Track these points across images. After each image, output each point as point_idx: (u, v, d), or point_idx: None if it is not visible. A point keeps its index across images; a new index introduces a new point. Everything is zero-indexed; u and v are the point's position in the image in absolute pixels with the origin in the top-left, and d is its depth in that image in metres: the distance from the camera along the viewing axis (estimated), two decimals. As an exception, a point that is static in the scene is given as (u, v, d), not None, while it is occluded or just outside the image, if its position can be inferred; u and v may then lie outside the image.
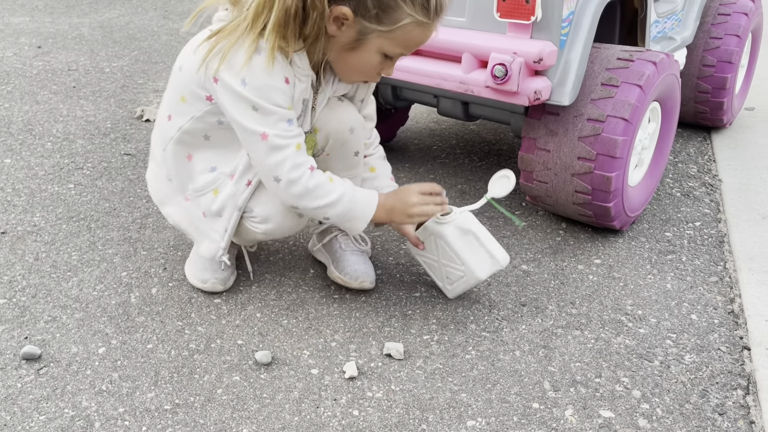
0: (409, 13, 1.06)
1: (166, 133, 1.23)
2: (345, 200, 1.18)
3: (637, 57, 1.46)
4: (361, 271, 1.35)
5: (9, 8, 3.78)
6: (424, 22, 1.08)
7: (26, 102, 2.36)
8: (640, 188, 1.64)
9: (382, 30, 1.08)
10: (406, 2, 1.05)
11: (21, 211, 1.64)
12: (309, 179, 1.15)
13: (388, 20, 1.07)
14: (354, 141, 1.30)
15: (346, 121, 1.27)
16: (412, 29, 1.08)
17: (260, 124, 1.10)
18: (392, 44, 1.10)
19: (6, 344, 1.19)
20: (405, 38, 1.10)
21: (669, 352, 1.22)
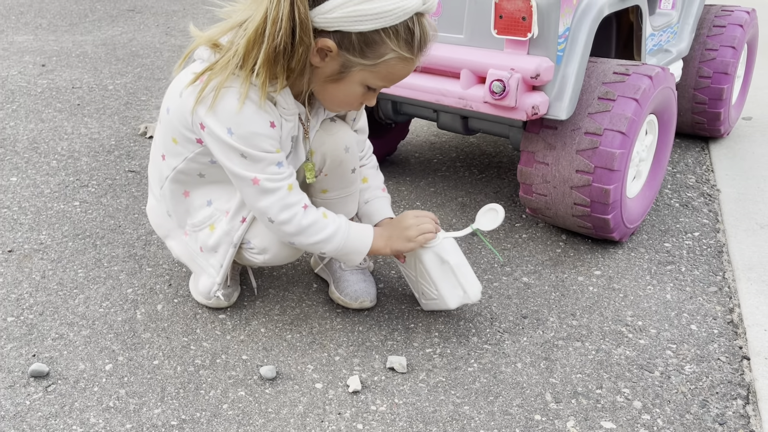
0: (393, 49, 1.06)
1: (161, 172, 1.26)
2: (339, 235, 1.20)
3: (632, 71, 1.48)
4: (361, 290, 1.36)
5: (13, 27, 3.82)
6: (407, 58, 1.08)
7: (31, 120, 2.39)
8: (638, 200, 1.66)
9: (365, 64, 1.08)
10: (391, 38, 1.05)
11: (27, 229, 1.66)
12: (302, 218, 1.16)
13: (372, 55, 1.06)
14: (350, 159, 1.32)
15: (341, 141, 1.29)
16: (396, 64, 1.08)
17: (250, 170, 1.12)
18: (375, 77, 1.11)
19: (14, 362, 1.20)
20: (388, 72, 1.10)
21: (669, 362, 1.23)
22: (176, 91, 1.16)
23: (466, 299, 1.29)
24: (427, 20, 1.09)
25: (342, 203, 1.37)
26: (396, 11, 1.02)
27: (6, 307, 1.36)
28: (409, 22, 1.05)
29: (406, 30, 1.05)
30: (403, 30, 1.05)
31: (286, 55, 1.04)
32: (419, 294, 1.36)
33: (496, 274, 1.52)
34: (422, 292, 1.34)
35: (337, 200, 1.36)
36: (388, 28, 1.04)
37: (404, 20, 1.04)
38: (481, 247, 1.63)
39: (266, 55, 1.04)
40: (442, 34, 1.51)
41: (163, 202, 1.29)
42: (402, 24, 1.04)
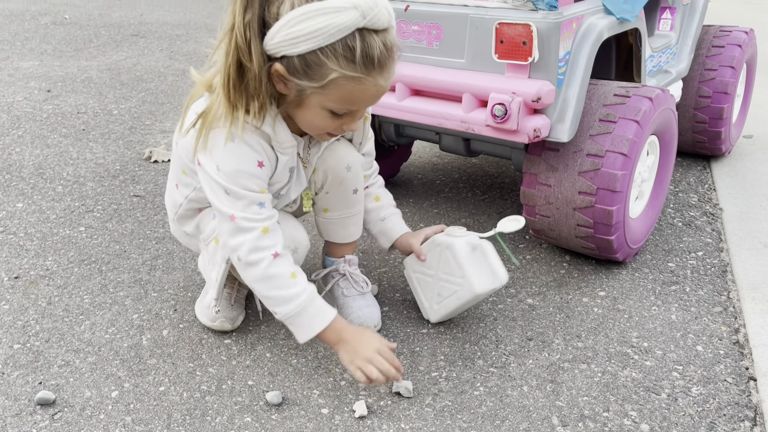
0: (333, 68, 1.02)
1: (175, 200, 1.34)
2: (296, 303, 1.16)
3: (633, 93, 1.50)
4: (366, 316, 1.37)
5: (18, 53, 3.87)
6: (354, 77, 1.03)
7: (37, 146, 2.42)
8: (641, 220, 1.67)
9: (314, 86, 1.05)
10: (329, 57, 1.01)
11: (33, 255, 1.67)
12: (269, 266, 1.15)
13: (317, 76, 1.04)
14: (352, 179, 1.34)
15: (343, 158, 1.31)
16: (346, 84, 1.04)
17: (230, 207, 1.13)
18: (330, 100, 1.07)
19: (21, 389, 1.21)
20: (341, 94, 1.06)
21: (676, 384, 1.23)
22: (184, 130, 1.20)
23: (495, 282, 1.30)
24: (381, 37, 1.04)
25: (342, 224, 1.39)
26: (328, 29, 0.99)
27: (12, 334, 1.36)
28: (348, 40, 1.01)
29: (345, 47, 1.01)
30: (341, 48, 1.01)
31: (242, 83, 1.05)
32: (431, 299, 1.37)
33: (500, 296, 1.52)
34: (438, 292, 1.35)
35: (339, 221, 1.39)
36: (324, 48, 1.01)
37: (341, 38, 1.00)
38: (485, 268, 1.63)
39: (225, 92, 1.06)
40: (444, 58, 1.53)
41: (180, 225, 1.36)
42: (340, 42, 1.01)
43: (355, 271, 1.43)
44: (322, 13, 0.99)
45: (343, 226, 1.40)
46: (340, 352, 1.19)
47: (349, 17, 1.00)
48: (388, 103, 1.60)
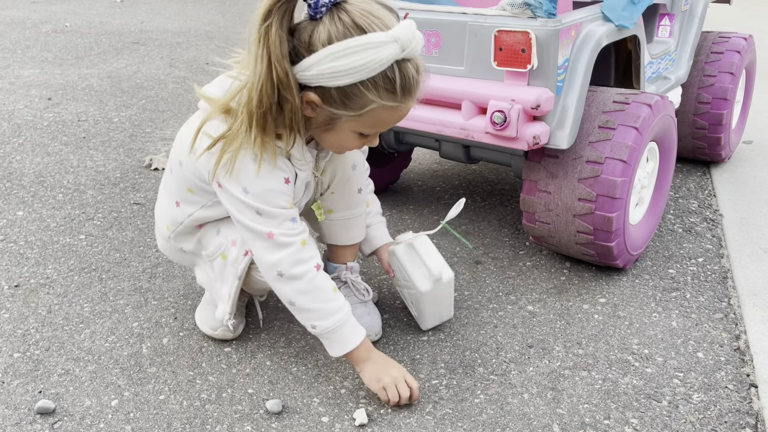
0: (374, 100, 1.04)
1: (174, 217, 1.28)
2: (339, 316, 1.17)
3: (632, 100, 1.50)
4: (366, 324, 1.35)
5: (19, 61, 3.88)
6: (392, 106, 1.06)
7: (38, 154, 2.42)
8: (641, 226, 1.67)
9: (350, 115, 1.07)
10: (370, 90, 1.03)
11: (34, 264, 1.67)
12: (314, 278, 1.15)
13: (355, 106, 1.05)
14: (356, 177, 1.35)
15: (349, 157, 1.33)
16: (382, 112, 1.07)
17: (266, 225, 1.13)
18: (364, 126, 1.10)
19: (21, 398, 1.20)
20: (376, 120, 1.09)
21: (677, 391, 1.23)
22: (186, 146, 1.16)
23: (432, 277, 1.32)
24: (413, 63, 1.06)
25: (346, 226, 1.40)
26: (371, 64, 1.00)
27: (12, 342, 1.36)
28: (388, 72, 1.02)
29: (386, 80, 1.03)
30: (381, 80, 1.02)
31: (278, 114, 1.05)
32: (412, 306, 1.39)
33: (500, 303, 1.52)
34: (411, 301, 1.38)
35: (342, 222, 1.39)
36: (366, 81, 1.02)
37: (382, 71, 1.02)
38: (485, 276, 1.63)
39: (258, 120, 1.05)
40: (443, 66, 1.53)
41: (177, 242, 1.32)
42: (380, 75, 1.02)
43: (356, 278, 1.43)
44: (364, 49, 0.99)
45: (346, 228, 1.40)
46: (366, 370, 1.19)
47: (390, 51, 1.00)
48: (387, 110, 1.61)
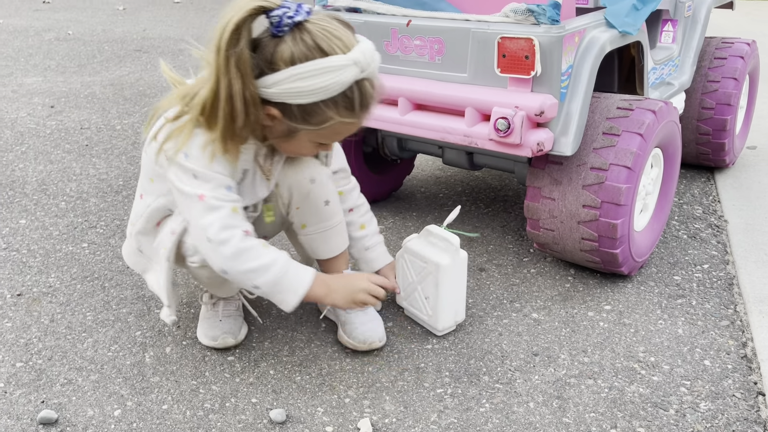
0: (333, 116, 1.10)
1: (137, 211, 1.31)
2: (276, 267, 1.16)
3: (636, 106, 1.49)
4: (369, 331, 1.35)
5: (22, 69, 3.89)
6: (350, 121, 1.13)
7: (40, 162, 2.42)
8: (646, 233, 1.66)
9: (309, 129, 1.12)
10: (330, 108, 1.09)
11: (36, 272, 1.66)
12: (240, 241, 1.14)
13: (315, 121, 1.11)
14: (318, 190, 1.33)
15: (306, 172, 1.31)
16: (340, 126, 1.13)
17: (199, 188, 1.13)
18: (322, 137, 1.16)
19: (23, 408, 1.20)
20: (333, 133, 1.15)
21: (684, 400, 1.22)
22: (151, 134, 1.20)
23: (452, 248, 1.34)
24: (370, 81, 1.12)
25: (323, 238, 1.38)
26: (333, 86, 1.06)
27: (15, 352, 1.35)
28: (347, 92, 1.08)
29: (345, 99, 1.09)
30: (341, 99, 1.08)
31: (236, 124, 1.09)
32: (424, 305, 1.40)
33: (505, 310, 1.51)
34: (425, 296, 1.39)
35: (318, 235, 1.38)
36: (327, 100, 1.08)
37: (339, 92, 1.07)
38: (489, 283, 1.63)
39: (222, 130, 1.09)
40: (446, 73, 1.53)
41: (135, 239, 1.32)
42: (340, 94, 1.08)
43: None
44: (326, 71, 1.05)
45: (324, 240, 1.38)
46: (336, 300, 1.22)
47: (350, 74, 1.07)
48: (390, 117, 1.60)
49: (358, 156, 1.98)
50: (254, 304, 1.48)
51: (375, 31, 1.60)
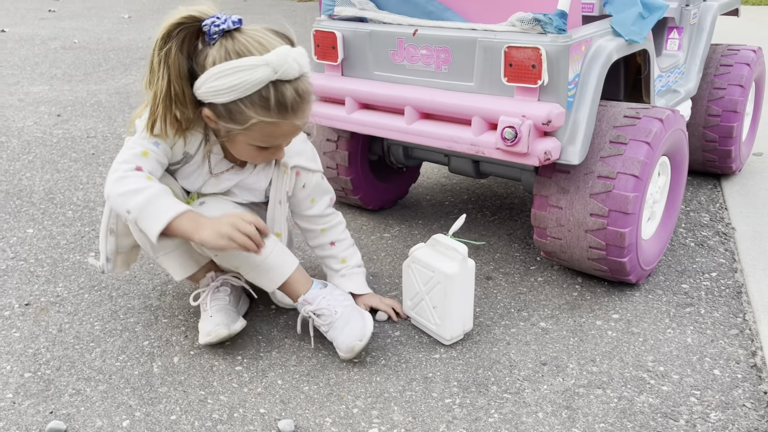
0: (252, 115, 1.18)
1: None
2: (148, 192, 1.20)
3: (643, 114, 1.49)
4: (349, 337, 1.32)
5: (28, 77, 3.91)
6: (271, 121, 1.19)
7: (47, 171, 2.43)
8: (653, 241, 1.65)
9: (238, 129, 1.21)
10: (248, 107, 1.18)
11: (44, 282, 1.67)
12: (128, 170, 1.22)
13: (239, 120, 1.20)
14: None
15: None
16: (264, 127, 1.20)
17: (135, 137, 1.28)
18: (253, 139, 1.23)
19: (32, 419, 1.20)
20: (262, 134, 1.22)
21: (694, 410, 1.21)
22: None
23: (459, 257, 1.34)
24: (293, 85, 1.19)
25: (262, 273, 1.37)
26: (244, 84, 1.16)
27: (23, 362, 1.36)
28: (263, 91, 1.17)
29: (261, 98, 1.17)
30: (257, 98, 1.17)
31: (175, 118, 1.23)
32: (433, 315, 1.40)
33: (513, 319, 1.50)
34: (432, 306, 1.39)
35: (254, 272, 1.38)
36: (244, 99, 1.17)
37: (257, 90, 1.16)
38: (496, 291, 1.62)
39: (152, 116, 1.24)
40: (453, 82, 1.53)
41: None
42: (255, 94, 1.17)
43: (318, 307, 1.37)
44: (238, 71, 1.16)
45: (264, 273, 1.37)
46: (204, 235, 1.21)
47: (262, 73, 1.16)
48: (397, 126, 1.61)
49: (364, 164, 1.98)
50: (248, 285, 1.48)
51: (381, 40, 1.61)
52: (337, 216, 1.52)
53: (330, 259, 1.51)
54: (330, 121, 1.73)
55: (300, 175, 1.43)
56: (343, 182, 1.96)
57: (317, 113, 1.75)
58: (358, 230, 1.97)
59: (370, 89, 1.64)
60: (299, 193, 1.45)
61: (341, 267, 1.50)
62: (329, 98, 1.75)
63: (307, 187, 1.45)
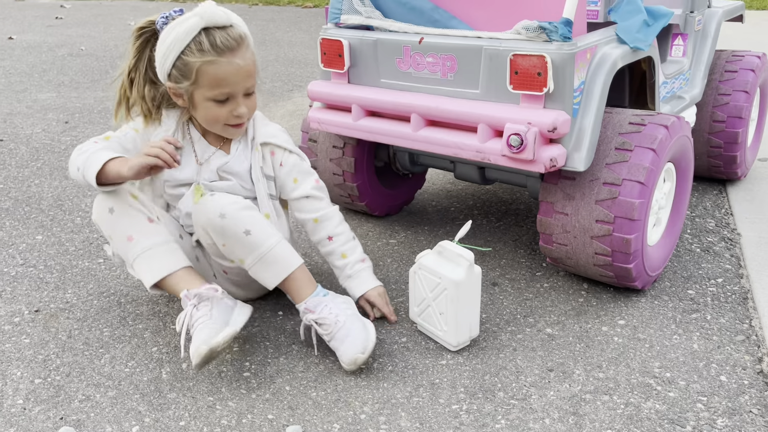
0: (193, 61, 1.33)
1: None
2: (91, 151, 1.35)
3: (648, 121, 1.50)
4: (350, 348, 1.32)
5: (36, 85, 3.94)
6: (210, 60, 1.33)
7: (56, 177, 2.45)
8: (659, 247, 1.66)
9: (190, 83, 1.35)
10: (188, 55, 1.33)
11: (53, 288, 1.68)
12: (87, 144, 1.39)
13: (187, 73, 1.34)
14: (231, 223, 1.34)
15: (213, 209, 1.34)
16: (207, 68, 1.34)
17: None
18: (206, 89, 1.36)
19: (42, 425, 1.21)
20: (209, 79, 1.35)
21: (701, 416, 1.21)
22: None
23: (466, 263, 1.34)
24: (224, 31, 1.34)
25: (264, 265, 1.38)
26: (179, 36, 1.33)
27: (33, 368, 1.37)
28: (197, 37, 1.33)
29: (196, 43, 1.33)
30: (193, 44, 1.33)
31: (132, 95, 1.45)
32: (439, 321, 1.41)
33: (519, 325, 1.51)
34: (439, 312, 1.40)
35: (259, 264, 1.38)
36: (184, 50, 1.33)
37: (191, 39, 1.32)
38: (502, 297, 1.63)
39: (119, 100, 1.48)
40: (458, 89, 1.54)
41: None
42: (192, 42, 1.33)
43: (320, 316, 1.37)
44: (172, 30, 1.34)
45: (265, 268, 1.38)
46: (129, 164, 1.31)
47: (191, 22, 1.33)
48: (403, 133, 1.62)
49: (370, 171, 1.99)
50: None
51: (387, 48, 1.62)
52: (331, 207, 1.53)
53: (331, 255, 1.53)
54: (337, 128, 1.75)
55: (275, 154, 1.51)
56: (349, 189, 1.97)
57: (324, 120, 1.76)
58: (364, 236, 1.98)
59: (377, 96, 1.65)
60: (279, 172, 1.51)
61: (344, 264, 1.52)
62: (336, 105, 1.76)
63: (285, 165, 1.51)
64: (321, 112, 1.78)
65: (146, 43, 1.43)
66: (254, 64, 1.41)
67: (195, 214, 1.39)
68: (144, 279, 1.39)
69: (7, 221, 2.08)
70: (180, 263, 1.40)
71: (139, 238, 1.39)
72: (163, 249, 1.40)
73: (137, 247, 1.39)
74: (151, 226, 1.41)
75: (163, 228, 1.43)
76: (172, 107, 1.48)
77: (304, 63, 4.61)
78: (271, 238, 1.37)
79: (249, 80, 1.39)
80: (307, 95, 1.87)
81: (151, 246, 1.39)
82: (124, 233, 1.39)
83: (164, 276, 1.38)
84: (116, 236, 1.40)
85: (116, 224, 1.39)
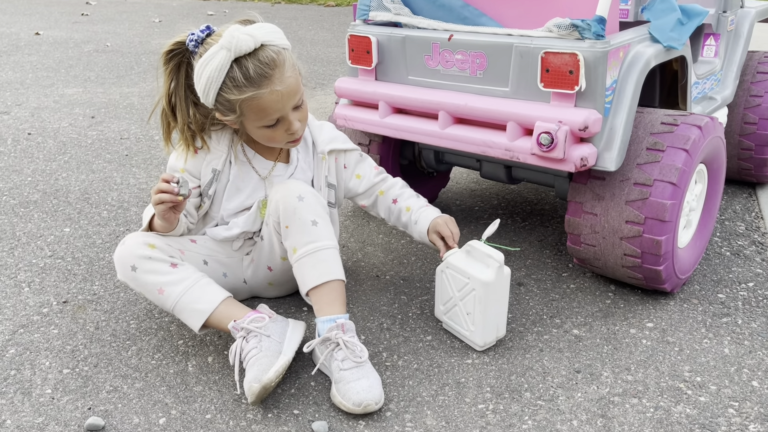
0: (235, 98, 1.28)
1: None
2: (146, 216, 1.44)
3: (681, 121, 1.48)
4: (364, 391, 1.20)
5: (63, 80, 3.99)
6: (250, 96, 1.27)
7: (82, 171, 2.48)
8: (689, 249, 1.63)
9: (237, 116, 1.32)
10: (227, 93, 1.28)
11: (81, 280, 1.70)
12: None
13: (233, 108, 1.30)
14: (306, 208, 1.36)
15: (294, 189, 1.38)
16: (250, 104, 1.29)
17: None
18: (254, 119, 1.33)
19: (71, 415, 1.22)
20: (255, 111, 1.31)
21: (732, 421, 1.19)
22: None
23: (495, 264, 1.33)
24: (254, 57, 1.26)
25: (312, 261, 1.34)
26: (213, 75, 1.26)
27: (62, 358, 1.38)
28: (230, 73, 1.26)
29: (231, 80, 1.27)
30: (229, 82, 1.27)
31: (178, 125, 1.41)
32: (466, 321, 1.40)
33: (545, 326, 1.50)
34: (466, 312, 1.39)
35: (308, 258, 1.35)
36: (222, 88, 1.28)
37: (225, 75, 1.26)
38: (528, 298, 1.62)
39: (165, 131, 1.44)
40: (488, 87, 1.53)
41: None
42: (226, 78, 1.26)
43: (352, 338, 1.28)
44: (204, 67, 1.28)
45: (313, 264, 1.34)
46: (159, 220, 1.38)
47: (220, 57, 1.25)
48: (430, 130, 1.61)
49: (395, 168, 1.99)
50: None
51: (416, 45, 1.61)
52: (390, 178, 1.61)
53: (400, 216, 1.57)
54: (363, 125, 1.74)
55: (338, 159, 1.56)
56: (374, 186, 1.96)
57: (351, 117, 1.76)
58: (388, 234, 1.97)
59: (404, 94, 1.64)
60: (343, 174, 1.57)
61: (409, 216, 1.55)
62: (363, 102, 1.76)
63: (349, 166, 1.57)
64: (347, 108, 1.78)
65: (179, 66, 1.37)
66: (297, 79, 1.33)
67: (274, 191, 1.40)
68: (190, 326, 1.36)
69: (35, 213, 2.10)
70: (217, 298, 1.35)
71: (169, 289, 1.34)
72: (196, 292, 1.35)
73: (170, 300, 1.34)
74: (177, 272, 1.36)
75: (188, 267, 1.38)
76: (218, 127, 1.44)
77: (326, 61, 4.62)
78: (332, 239, 1.38)
79: (294, 98, 1.33)
80: (334, 92, 1.87)
81: (183, 292, 1.34)
82: (154, 287, 1.35)
83: (206, 319, 1.34)
84: (147, 292, 1.36)
85: (143, 281, 1.35)
